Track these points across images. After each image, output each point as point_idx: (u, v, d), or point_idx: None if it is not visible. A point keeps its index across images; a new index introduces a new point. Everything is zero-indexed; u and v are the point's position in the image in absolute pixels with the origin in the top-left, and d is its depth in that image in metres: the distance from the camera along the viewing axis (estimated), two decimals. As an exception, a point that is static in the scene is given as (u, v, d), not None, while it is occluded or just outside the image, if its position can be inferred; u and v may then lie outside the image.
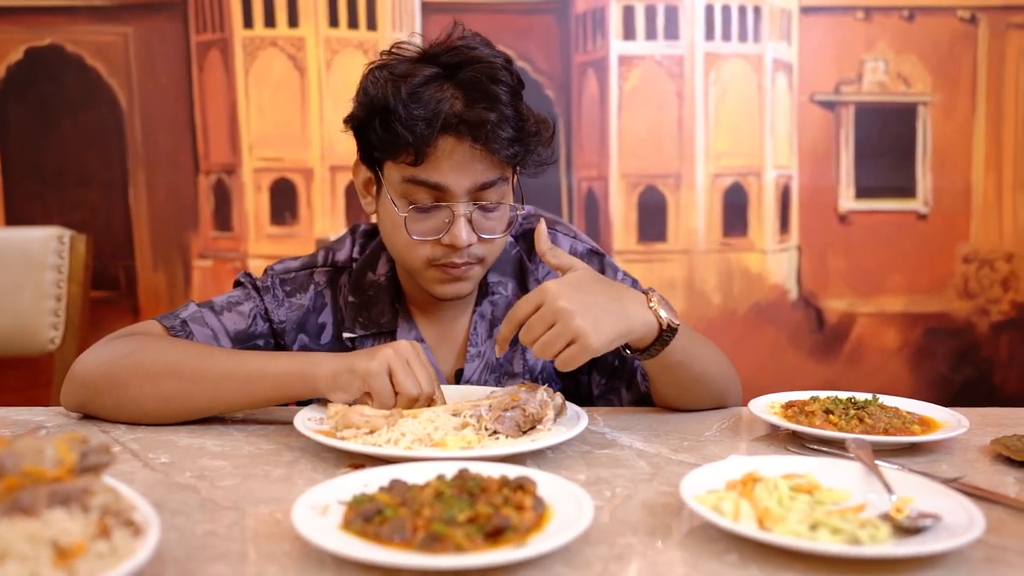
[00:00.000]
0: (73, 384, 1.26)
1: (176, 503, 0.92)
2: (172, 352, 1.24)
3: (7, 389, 2.44)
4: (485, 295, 1.44)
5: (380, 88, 1.25)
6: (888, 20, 2.53)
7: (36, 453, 0.72)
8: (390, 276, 1.43)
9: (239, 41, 2.43)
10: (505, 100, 1.24)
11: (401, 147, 1.23)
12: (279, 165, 2.48)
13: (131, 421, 1.23)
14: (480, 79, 1.23)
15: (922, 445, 1.14)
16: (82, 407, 1.27)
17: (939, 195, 2.58)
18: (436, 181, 1.25)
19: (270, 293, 1.42)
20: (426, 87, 1.23)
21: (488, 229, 1.30)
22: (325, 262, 1.47)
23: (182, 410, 1.22)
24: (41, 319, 2.09)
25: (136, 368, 1.22)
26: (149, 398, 1.21)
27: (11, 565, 0.63)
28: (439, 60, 1.26)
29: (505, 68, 1.27)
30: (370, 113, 1.26)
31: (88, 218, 2.44)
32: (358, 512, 0.80)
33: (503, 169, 1.28)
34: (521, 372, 1.44)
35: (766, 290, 2.58)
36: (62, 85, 2.44)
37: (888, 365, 2.62)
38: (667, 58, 2.51)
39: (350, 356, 1.18)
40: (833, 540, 0.77)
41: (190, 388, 1.20)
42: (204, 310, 1.37)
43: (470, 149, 1.23)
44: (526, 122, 1.27)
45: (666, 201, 2.55)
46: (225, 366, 1.21)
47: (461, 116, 1.22)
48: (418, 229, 1.28)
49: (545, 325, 1.10)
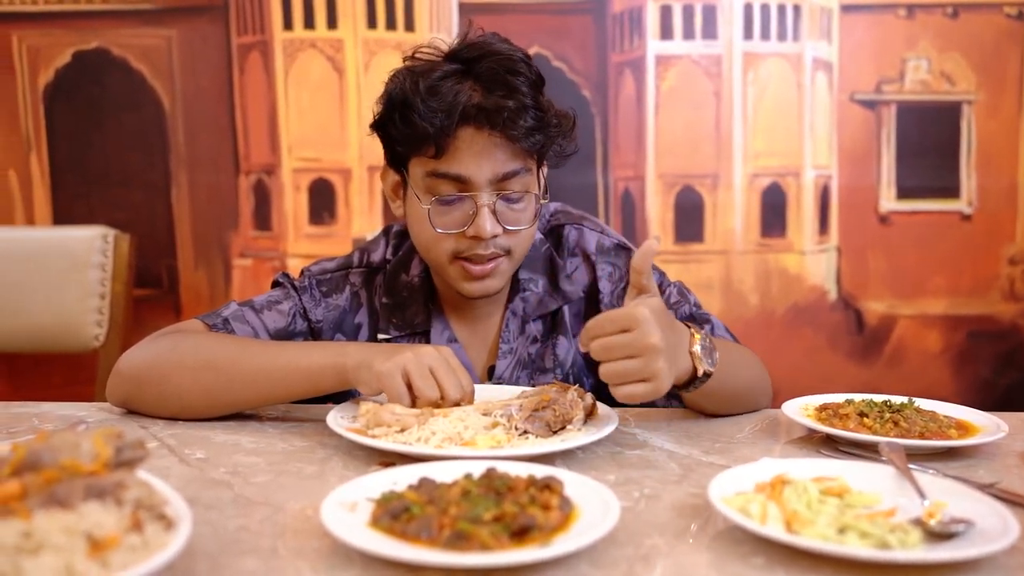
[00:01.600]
0: (117, 379, 1.29)
1: (210, 498, 0.94)
2: (211, 346, 1.27)
3: (53, 385, 2.50)
4: (516, 292, 1.45)
5: (399, 84, 1.27)
6: (931, 18, 2.49)
7: (73, 447, 0.74)
8: (423, 277, 1.45)
9: (279, 43, 2.47)
10: (523, 90, 1.25)
11: (421, 140, 1.25)
12: (317, 165, 2.51)
13: (173, 415, 1.26)
14: (497, 70, 1.25)
15: (959, 450, 1.13)
16: (126, 402, 1.30)
17: (984, 195, 2.54)
18: (457, 172, 1.26)
19: (307, 293, 1.44)
20: (444, 81, 1.25)
21: (513, 220, 1.31)
22: (360, 263, 1.49)
23: (220, 403, 1.24)
24: (86, 317, 2.14)
25: (177, 362, 1.25)
26: (189, 391, 1.23)
27: (47, 556, 0.64)
28: (458, 57, 1.28)
29: (523, 61, 1.28)
30: (390, 109, 1.28)
31: (132, 218, 2.49)
32: (386, 509, 0.81)
33: (525, 159, 1.29)
34: (552, 367, 1.44)
35: (805, 291, 2.56)
36: (107, 88, 2.49)
37: (929, 368, 2.57)
38: (705, 57, 2.49)
39: (374, 351, 1.18)
40: (861, 544, 0.77)
41: (228, 381, 1.22)
42: (245, 309, 1.39)
43: (489, 138, 1.24)
44: (546, 113, 1.28)
45: (703, 201, 2.53)
46: (260, 360, 1.23)
47: (479, 105, 1.23)
48: (442, 222, 1.29)
49: (626, 353, 1.02)
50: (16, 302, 2.13)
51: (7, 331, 2.16)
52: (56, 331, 2.14)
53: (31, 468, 0.72)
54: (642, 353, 1.02)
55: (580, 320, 1.47)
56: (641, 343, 1.01)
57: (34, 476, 0.71)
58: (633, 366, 1.02)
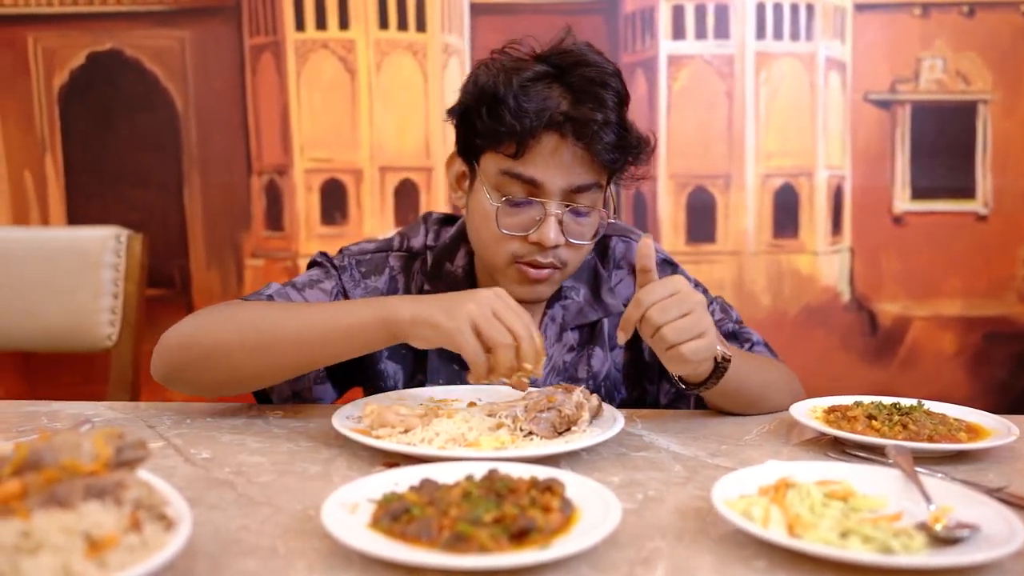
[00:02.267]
0: (163, 349, 1.26)
1: (213, 498, 0.94)
2: (257, 310, 1.25)
3: (66, 385, 2.52)
4: (557, 298, 1.44)
5: (492, 77, 1.26)
6: (946, 17, 2.47)
7: (74, 447, 0.75)
8: (467, 269, 1.43)
9: (291, 44, 2.47)
10: (611, 105, 1.24)
11: (504, 137, 1.24)
12: (329, 166, 2.52)
13: (220, 385, 1.24)
14: (589, 81, 1.24)
15: (969, 453, 1.11)
16: (171, 373, 1.26)
17: (1000, 196, 2.51)
18: (532, 176, 1.25)
19: (347, 272, 1.43)
20: (536, 82, 1.24)
21: (577, 234, 1.30)
22: (400, 247, 1.47)
23: (267, 366, 1.22)
24: (98, 316, 2.15)
25: (223, 325, 1.22)
26: (237, 353, 1.20)
27: (45, 556, 0.65)
28: (551, 60, 1.27)
29: (615, 75, 1.27)
30: (478, 100, 1.27)
31: (144, 218, 2.50)
32: (386, 511, 0.81)
33: (600, 175, 1.28)
34: (585, 378, 1.43)
35: (817, 292, 2.54)
36: (121, 89, 2.51)
37: (944, 370, 2.55)
38: (717, 58, 2.48)
39: (429, 305, 1.13)
40: (864, 549, 0.76)
41: (274, 342, 1.19)
42: (287, 288, 1.38)
43: (572, 148, 1.24)
44: (628, 132, 1.28)
45: (715, 202, 2.52)
46: (306, 318, 1.19)
47: (568, 114, 1.22)
48: (508, 223, 1.28)
49: (681, 311, 1.10)
50: (30, 302, 2.15)
51: (21, 330, 2.17)
52: (69, 331, 2.16)
53: (32, 468, 0.73)
54: (694, 308, 1.11)
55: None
56: (691, 300, 1.11)
57: (35, 476, 0.72)
58: (689, 322, 1.10)
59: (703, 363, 1.15)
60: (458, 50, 2.48)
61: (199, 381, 1.25)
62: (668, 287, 1.12)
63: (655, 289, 1.12)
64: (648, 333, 1.13)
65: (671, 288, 1.11)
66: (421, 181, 2.52)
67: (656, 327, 1.10)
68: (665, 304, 1.10)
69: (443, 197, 2.53)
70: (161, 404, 1.37)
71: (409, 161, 2.51)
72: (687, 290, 1.12)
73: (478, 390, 1.30)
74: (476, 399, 1.27)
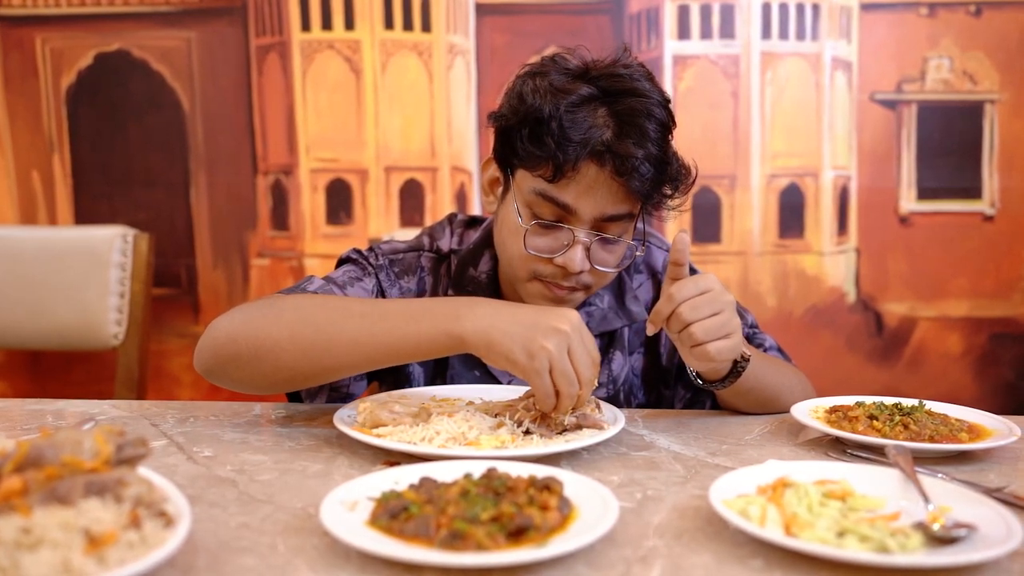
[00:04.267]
0: (209, 339, 1.20)
1: (214, 496, 0.94)
2: (311, 305, 1.20)
3: (73, 383, 2.53)
4: (582, 305, 1.43)
5: (539, 98, 1.23)
6: (953, 16, 2.47)
7: (75, 445, 0.75)
8: (491, 275, 1.42)
9: (297, 44, 2.48)
10: (654, 138, 1.21)
11: (543, 161, 1.22)
12: (335, 166, 2.53)
13: (266, 381, 1.19)
14: (636, 112, 1.21)
15: (970, 453, 1.11)
16: (216, 366, 1.20)
17: (1007, 196, 2.50)
18: (566, 202, 1.23)
19: (384, 271, 1.42)
20: (581, 108, 1.21)
21: (603, 261, 1.29)
22: (430, 247, 1.46)
23: (318, 367, 1.16)
24: (105, 315, 2.16)
25: (275, 318, 1.17)
26: (286, 351, 1.14)
27: (44, 551, 0.65)
28: (599, 83, 1.23)
29: (662, 106, 1.24)
30: (522, 120, 1.24)
31: (151, 217, 2.52)
32: (385, 508, 0.81)
33: (633, 205, 1.26)
34: (605, 382, 1.44)
35: (823, 293, 2.54)
36: (128, 89, 2.52)
37: (950, 371, 2.54)
38: (722, 57, 2.48)
39: (506, 333, 1.07)
40: (860, 548, 0.76)
41: (327, 343, 1.14)
42: (329, 285, 1.35)
43: (609, 180, 1.22)
44: (669, 165, 1.25)
45: (721, 202, 2.52)
46: (363, 323, 1.14)
47: (609, 146, 1.20)
48: (536, 245, 1.27)
49: (712, 310, 1.11)
50: (37, 301, 2.16)
51: (29, 329, 2.19)
52: (76, 330, 2.17)
53: (33, 464, 0.73)
54: (724, 308, 1.12)
55: (640, 337, 1.48)
56: (722, 299, 1.12)
57: (36, 472, 0.72)
58: (718, 322, 1.12)
59: (725, 362, 1.16)
60: (463, 50, 2.49)
61: (243, 376, 1.19)
62: (700, 284, 1.12)
63: (687, 285, 1.12)
64: (676, 329, 1.13)
65: (703, 286, 1.12)
66: (426, 181, 2.52)
67: (685, 324, 1.11)
68: (696, 302, 1.11)
69: (448, 197, 2.53)
70: (165, 403, 1.37)
71: (414, 161, 2.52)
72: (719, 289, 1.13)
73: (479, 390, 1.31)
74: (477, 399, 1.27)
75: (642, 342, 1.47)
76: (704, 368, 1.19)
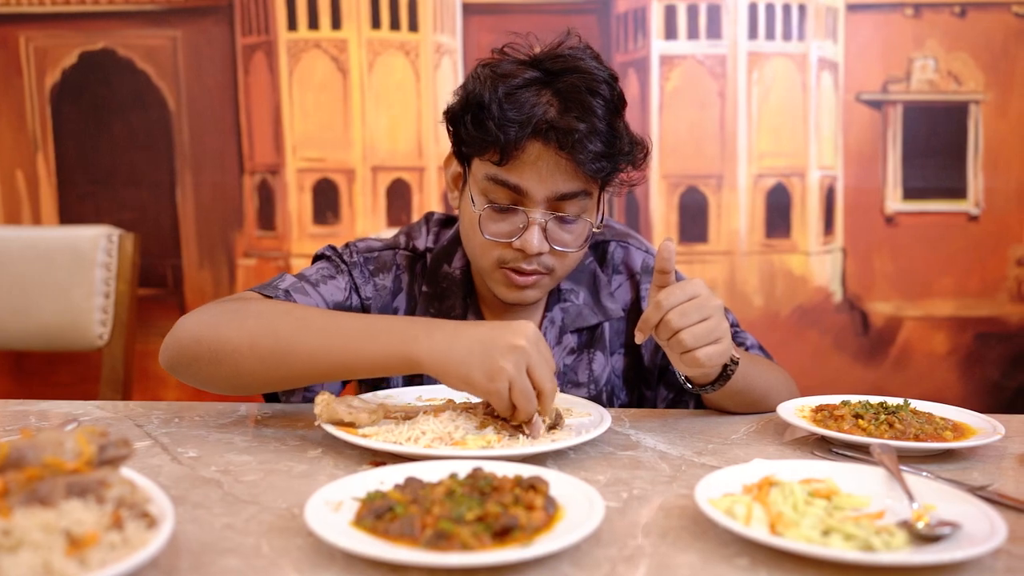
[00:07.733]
0: (172, 339, 1.22)
1: (198, 496, 0.94)
2: (274, 314, 1.20)
3: (58, 384, 2.51)
4: (557, 301, 1.44)
5: (479, 84, 1.25)
6: (938, 17, 2.48)
7: (57, 446, 0.75)
8: (464, 271, 1.43)
9: (283, 43, 2.47)
10: (600, 114, 1.22)
11: (489, 145, 1.24)
12: (321, 166, 2.52)
13: (224, 383, 1.19)
14: (578, 89, 1.22)
15: (955, 452, 1.12)
16: (178, 364, 1.22)
17: (991, 196, 2.52)
18: (516, 183, 1.25)
19: (358, 268, 1.42)
20: (523, 90, 1.23)
21: (562, 241, 1.29)
22: (406, 246, 1.46)
23: (275, 377, 1.17)
24: (90, 316, 2.15)
25: (238, 325, 1.17)
26: (245, 358, 1.15)
27: (25, 553, 0.65)
28: (543, 65, 1.25)
29: (607, 83, 1.25)
30: (464, 108, 1.27)
31: (137, 217, 2.51)
32: (370, 509, 0.81)
33: (587, 183, 1.26)
34: (586, 382, 1.44)
35: (810, 292, 2.54)
36: (113, 88, 2.51)
37: (936, 370, 2.56)
38: (709, 57, 2.48)
39: (465, 358, 1.07)
40: (845, 546, 0.76)
41: (285, 354, 1.14)
42: (302, 282, 1.35)
43: (555, 157, 1.22)
44: (619, 139, 1.25)
45: (707, 202, 2.52)
46: (322, 337, 1.14)
47: (552, 123, 1.21)
48: (492, 230, 1.28)
49: (700, 316, 1.11)
50: (22, 301, 2.15)
51: (13, 330, 2.17)
52: (61, 330, 2.16)
53: (14, 466, 0.73)
54: (712, 313, 1.12)
55: (621, 338, 1.47)
56: (710, 304, 1.12)
57: (17, 474, 0.72)
58: (707, 328, 1.12)
59: (715, 367, 1.16)
60: (450, 50, 2.48)
61: (204, 377, 1.21)
62: (688, 290, 1.12)
63: (674, 292, 1.12)
64: (665, 336, 1.13)
65: (691, 291, 1.12)
66: (413, 181, 2.52)
67: (674, 331, 1.11)
68: (685, 308, 1.11)
69: (435, 197, 2.53)
70: (150, 403, 1.37)
71: (401, 161, 2.51)
72: (706, 294, 1.13)
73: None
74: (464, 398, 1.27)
75: (622, 343, 1.47)
76: (694, 373, 1.19)
